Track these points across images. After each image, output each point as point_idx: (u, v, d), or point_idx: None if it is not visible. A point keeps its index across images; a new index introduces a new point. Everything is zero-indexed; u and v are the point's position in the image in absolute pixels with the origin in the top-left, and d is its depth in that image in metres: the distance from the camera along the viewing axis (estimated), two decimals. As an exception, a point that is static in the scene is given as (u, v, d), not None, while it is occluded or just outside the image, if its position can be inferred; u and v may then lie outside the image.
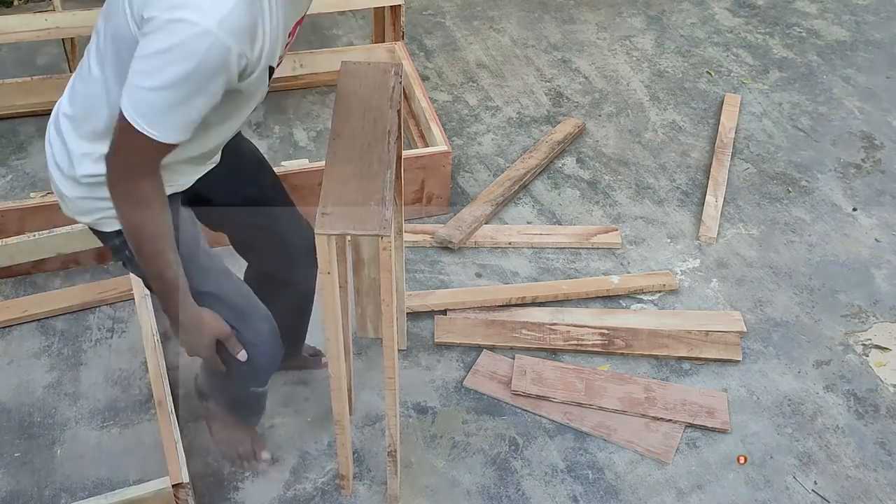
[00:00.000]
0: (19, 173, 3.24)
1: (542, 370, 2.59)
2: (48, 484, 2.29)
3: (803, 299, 2.90)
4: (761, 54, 4.10)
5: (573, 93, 3.80)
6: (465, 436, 2.45)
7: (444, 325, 2.72)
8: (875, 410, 2.56)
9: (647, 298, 2.87)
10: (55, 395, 2.51)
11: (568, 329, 2.70)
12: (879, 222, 3.21)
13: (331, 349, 1.95)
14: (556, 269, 2.96)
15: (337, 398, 2.05)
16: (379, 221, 1.76)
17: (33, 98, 3.42)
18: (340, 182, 1.84)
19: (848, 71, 4.00)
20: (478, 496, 2.31)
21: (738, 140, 3.57)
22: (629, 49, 4.10)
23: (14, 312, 2.69)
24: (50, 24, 3.17)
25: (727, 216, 3.20)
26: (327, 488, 2.31)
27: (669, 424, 2.48)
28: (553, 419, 2.49)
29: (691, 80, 3.91)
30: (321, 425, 2.45)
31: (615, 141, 3.55)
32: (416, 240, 3.01)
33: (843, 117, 3.72)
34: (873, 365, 2.69)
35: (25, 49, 3.90)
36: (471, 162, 3.41)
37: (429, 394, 2.56)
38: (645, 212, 3.22)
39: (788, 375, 2.65)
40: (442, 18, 4.26)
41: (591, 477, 2.36)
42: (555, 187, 3.30)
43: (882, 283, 2.97)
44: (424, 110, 3.20)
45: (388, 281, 1.84)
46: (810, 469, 2.40)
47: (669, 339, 2.69)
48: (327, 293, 1.86)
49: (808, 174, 3.42)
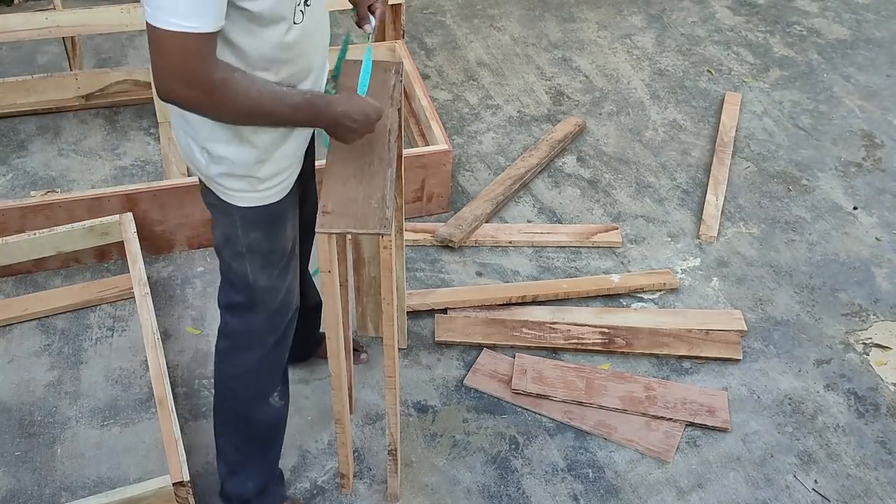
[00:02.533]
0: (20, 172, 3.24)
1: (542, 369, 2.59)
2: (48, 482, 2.30)
3: (804, 298, 2.89)
4: (762, 53, 4.09)
5: (574, 91, 3.79)
6: (465, 434, 2.45)
7: (445, 324, 2.72)
8: (875, 409, 2.56)
9: (648, 297, 2.87)
10: (55, 394, 2.51)
11: (568, 328, 2.70)
12: (880, 221, 3.21)
13: (331, 347, 1.96)
14: (557, 268, 2.96)
15: (337, 397, 2.05)
16: (380, 220, 1.76)
17: (34, 97, 3.42)
18: (341, 181, 1.84)
19: (848, 69, 4.00)
20: (478, 495, 2.31)
21: (738, 139, 3.57)
22: (630, 47, 4.09)
23: (14, 311, 2.70)
24: (50, 23, 3.16)
25: (728, 215, 3.20)
26: (328, 487, 2.31)
27: (670, 423, 2.48)
28: (553, 418, 2.49)
29: (692, 79, 3.91)
30: (321, 424, 2.45)
31: (616, 139, 3.55)
32: (416, 238, 3.01)
33: (844, 116, 3.72)
34: (874, 364, 2.69)
35: (26, 48, 3.90)
36: (471, 161, 3.41)
37: (429, 392, 2.56)
38: (645, 210, 3.22)
39: (789, 374, 2.65)
40: (442, 17, 4.26)
41: (592, 476, 2.36)
42: (555, 186, 3.30)
43: (882, 281, 2.97)
44: (425, 109, 3.20)
45: (389, 279, 1.84)
46: (811, 468, 2.40)
47: (670, 337, 2.69)
48: (328, 292, 1.86)
49: (808, 173, 3.42)
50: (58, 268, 2.87)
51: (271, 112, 1.62)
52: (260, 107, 1.60)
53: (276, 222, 1.87)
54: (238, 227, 1.83)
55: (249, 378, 2.02)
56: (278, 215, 1.86)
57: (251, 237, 1.84)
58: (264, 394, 2.07)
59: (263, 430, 2.13)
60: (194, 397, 2.51)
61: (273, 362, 2.05)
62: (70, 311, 2.73)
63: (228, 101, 1.56)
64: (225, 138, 1.71)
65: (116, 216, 2.76)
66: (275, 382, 2.09)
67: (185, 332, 2.70)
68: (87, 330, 2.69)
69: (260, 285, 1.90)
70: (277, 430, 2.17)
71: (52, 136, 3.41)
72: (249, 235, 1.84)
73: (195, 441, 2.40)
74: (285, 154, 1.79)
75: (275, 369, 2.07)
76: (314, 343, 2.52)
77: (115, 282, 2.79)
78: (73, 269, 2.88)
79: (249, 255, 1.86)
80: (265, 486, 2.17)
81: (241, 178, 1.77)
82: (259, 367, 2.02)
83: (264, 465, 2.16)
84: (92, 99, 3.49)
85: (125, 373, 2.57)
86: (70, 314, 2.73)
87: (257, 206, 1.81)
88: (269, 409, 2.10)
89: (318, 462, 2.37)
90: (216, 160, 1.75)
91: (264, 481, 2.16)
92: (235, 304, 1.95)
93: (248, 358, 2.00)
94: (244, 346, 2.00)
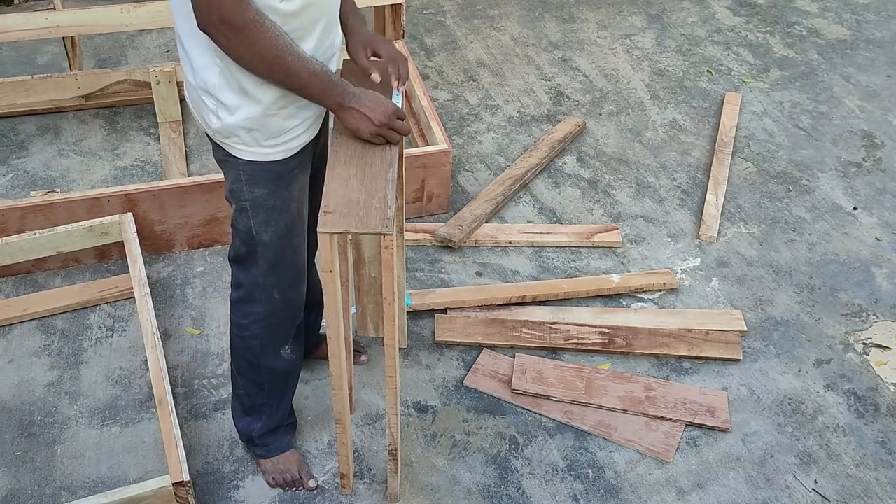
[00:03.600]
0: (20, 172, 3.24)
1: (542, 369, 2.59)
2: (48, 482, 2.29)
3: (804, 298, 2.90)
4: (762, 53, 4.09)
5: (574, 91, 3.80)
6: (465, 434, 2.45)
7: (445, 324, 2.72)
8: (875, 409, 2.56)
9: (648, 297, 2.87)
10: (55, 394, 2.51)
11: (568, 328, 2.70)
12: (880, 221, 3.21)
13: (332, 347, 1.96)
14: (557, 268, 2.96)
15: (338, 397, 2.05)
16: (381, 220, 1.76)
17: (34, 97, 3.42)
18: (342, 180, 1.84)
19: (848, 70, 4.00)
20: (478, 495, 2.31)
21: (738, 139, 3.57)
22: (630, 48, 4.10)
23: (14, 311, 2.70)
24: (50, 23, 3.17)
25: (728, 215, 3.21)
26: (328, 487, 2.31)
27: (670, 423, 2.48)
28: (553, 418, 2.49)
29: (692, 79, 3.91)
30: (321, 424, 2.45)
31: (615, 140, 3.55)
32: (416, 238, 3.01)
33: (844, 116, 3.72)
34: (874, 364, 2.69)
35: (26, 48, 3.90)
36: (471, 161, 3.41)
37: (429, 392, 2.56)
38: (645, 210, 3.22)
39: (789, 374, 2.65)
40: (442, 17, 4.26)
41: (592, 476, 2.37)
42: (555, 186, 3.30)
43: (882, 282, 2.97)
44: (425, 109, 3.20)
45: (391, 279, 1.84)
46: (811, 468, 2.40)
47: (670, 338, 2.69)
48: (329, 291, 1.86)
49: (808, 173, 3.42)
50: (58, 268, 2.87)
51: (289, 69, 1.73)
52: (282, 59, 1.70)
53: (279, 181, 1.94)
54: (243, 182, 1.93)
55: (257, 328, 2.11)
56: (281, 175, 1.93)
57: (255, 192, 1.93)
58: (274, 346, 2.17)
59: (273, 380, 2.23)
60: (194, 397, 2.51)
61: (282, 318, 2.13)
62: (70, 311, 2.73)
63: (256, 44, 1.67)
64: (233, 89, 1.79)
65: (116, 216, 2.76)
66: (286, 337, 2.18)
67: (185, 332, 2.70)
68: (87, 330, 2.69)
69: (263, 240, 1.99)
70: (287, 381, 2.27)
71: (52, 137, 3.41)
72: (253, 191, 1.93)
73: (195, 441, 2.40)
74: (290, 115, 1.86)
75: (285, 324, 2.16)
76: (314, 344, 2.53)
77: (115, 282, 2.79)
78: (73, 269, 2.88)
79: (252, 210, 1.95)
80: (274, 430, 2.29)
81: (247, 131, 1.84)
82: (266, 320, 2.11)
83: (273, 412, 2.27)
84: (92, 99, 3.50)
85: (125, 373, 2.57)
86: (70, 314, 2.73)
87: (261, 162, 1.89)
88: (279, 362, 2.19)
89: (318, 462, 2.37)
90: (225, 109, 1.82)
91: (273, 426, 2.28)
92: (240, 257, 2.05)
93: (255, 309, 2.09)
94: (251, 297, 2.08)
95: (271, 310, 2.10)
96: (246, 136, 1.86)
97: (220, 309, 2.76)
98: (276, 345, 2.17)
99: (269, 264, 2.03)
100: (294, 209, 2.00)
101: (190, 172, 3.24)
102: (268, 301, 2.08)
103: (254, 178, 1.92)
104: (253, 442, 2.30)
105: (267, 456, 2.31)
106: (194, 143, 3.39)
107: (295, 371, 2.28)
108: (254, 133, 1.85)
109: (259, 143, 1.86)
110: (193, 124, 3.46)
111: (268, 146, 1.88)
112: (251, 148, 1.87)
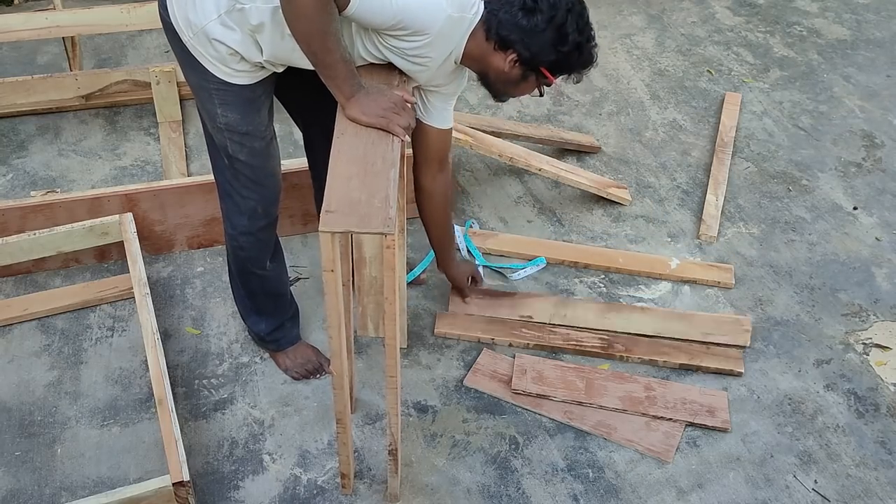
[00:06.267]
0: (20, 172, 3.24)
1: (542, 369, 2.59)
2: (48, 482, 2.29)
3: (804, 298, 2.90)
4: (762, 53, 4.10)
5: (573, 91, 3.80)
6: (465, 434, 2.45)
7: (446, 319, 2.71)
8: (875, 409, 2.56)
9: (648, 297, 2.87)
10: (55, 394, 2.51)
11: (568, 332, 2.70)
12: (880, 221, 3.21)
13: (333, 347, 1.96)
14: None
15: (339, 396, 2.05)
16: (383, 220, 1.76)
17: (34, 97, 3.42)
18: (344, 180, 1.84)
19: (848, 70, 4.00)
20: (478, 495, 2.31)
21: (738, 139, 3.57)
22: (629, 48, 4.10)
23: (15, 311, 2.69)
24: (50, 23, 3.17)
25: (727, 215, 3.21)
26: (328, 487, 2.31)
27: (670, 423, 2.48)
28: (553, 418, 2.49)
29: (692, 79, 3.91)
30: (321, 424, 2.45)
31: (616, 140, 3.55)
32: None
33: (844, 116, 3.72)
34: (874, 364, 2.69)
35: (26, 48, 3.90)
36: (471, 161, 3.41)
37: (429, 392, 2.56)
38: (645, 210, 3.22)
39: (789, 374, 2.65)
40: (442, 17, 4.25)
41: (592, 476, 2.37)
42: (555, 186, 3.30)
43: (882, 281, 2.97)
44: (425, 109, 3.19)
45: (392, 279, 1.84)
46: (811, 468, 2.40)
47: (670, 348, 2.67)
48: (330, 291, 1.86)
49: (808, 173, 3.42)
50: (58, 268, 2.86)
51: (328, 46, 1.87)
52: (325, 34, 1.84)
53: (250, 105, 2.10)
54: (216, 105, 2.09)
55: (245, 240, 2.34)
56: (251, 100, 2.10)
57: (229, 117, 2.10)
58: (260, 258, 2.39)
59: (265, 286, 2.48)
60: (194, 397, 2.51)
61: (263, 234, 2.34)
62: (70, 311, 2.73)
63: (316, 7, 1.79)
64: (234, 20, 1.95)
65: (116, 216, 2.76)
66: (269, 250, 2.41)
67: (185, 332, 2.70)
68: (87, 330, 2.69)
69: (240, 159, 2.18)
70: (278, 286, 2.53)
71: (52, 136, 3.41)
72: (228, 115, 2.10)
73: (195, 441, 2.40)
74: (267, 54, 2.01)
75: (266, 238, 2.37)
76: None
77: (115, 282, 2.79)
78: (73, 269, 2.88)
79: (228, 132, 2.13)
80: (279, 326, 2.53)
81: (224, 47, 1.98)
82: (250, 232, 2.32)
83: (272, 312, 2.52)
84: (92, 99, 3.49)
85: (125, 373, 2.57)
86: (70, 314, 2.73)
87: (231, 84, 2.05)
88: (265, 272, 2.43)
89: (318, 462, 2.37)
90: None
91: (276, 323, 2.53)
92: (221, 169, 2.24)
93: (241, 222, 2.30)
94: (238, 209, 2.28)
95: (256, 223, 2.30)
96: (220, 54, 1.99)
97: (220, 309, 2.76)
98: (262, 257, 2.38)
99: (250, 181, 2.22)
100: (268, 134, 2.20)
101: (190, 172, 3.24)
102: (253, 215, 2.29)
103: (226, 101, 2.08)
104: (263, 339, 2.55)
105: (279, 349, 2.55)
106: (194, 143, 3.39)
107: (282, 278, 2.52)
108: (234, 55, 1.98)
109: (228, 65, 2.01)
110: (193, 124, 3.45)
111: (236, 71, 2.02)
112: (222, 67, 2.01)
